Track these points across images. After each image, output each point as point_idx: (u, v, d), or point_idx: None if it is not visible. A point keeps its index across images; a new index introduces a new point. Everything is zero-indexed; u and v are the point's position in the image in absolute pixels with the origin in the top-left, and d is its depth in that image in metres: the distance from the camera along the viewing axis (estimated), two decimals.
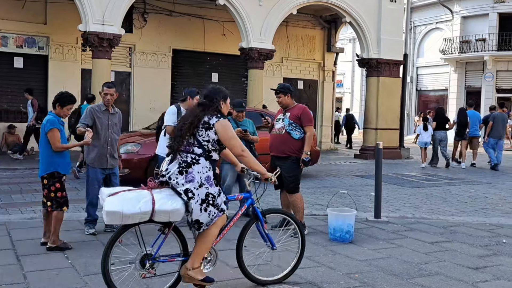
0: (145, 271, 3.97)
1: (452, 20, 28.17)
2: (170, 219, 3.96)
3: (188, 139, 4.06)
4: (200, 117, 4.09)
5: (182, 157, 4.04)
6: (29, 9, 15.20)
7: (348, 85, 36.64)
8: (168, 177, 4.01)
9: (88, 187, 6.19)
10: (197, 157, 4.04)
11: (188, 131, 4.06)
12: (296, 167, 6.30)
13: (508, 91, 26.84)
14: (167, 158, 4.17)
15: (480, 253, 5.77)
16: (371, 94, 17.28)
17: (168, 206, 3.89)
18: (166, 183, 4.03)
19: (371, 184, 10.51)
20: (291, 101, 6.50)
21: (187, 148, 4.05)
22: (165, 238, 4.07)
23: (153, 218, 3.89)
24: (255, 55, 14.93)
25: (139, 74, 16.90)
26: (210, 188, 4.03)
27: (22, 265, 4.88)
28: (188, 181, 3.96)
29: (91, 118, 6.08)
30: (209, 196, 4.01)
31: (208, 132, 4.07)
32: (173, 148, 4.10)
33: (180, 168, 3.99)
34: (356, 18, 16.62)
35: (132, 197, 3.84)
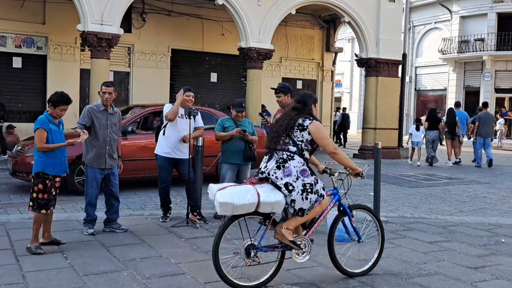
0: (250, 259, 4.37)
1: (450, 20, 28.20)
2: (273, 210, 4.37)
3: (284, 139, 4.52)
4: (295, 120, 4.56)
5: (279, 154, 4.50)
6: (27, 9, 15.18)
7: (347, 85, 36.64)
8: (267, 173, 4.46)
9: (87, 187, 6.17)
10: (292, 154, 4.48)
11: (284, 132, 4.53)
12: None
13: (507, 90, 26.87)
14: (265, 157, 4.61)
15: (479, 252, 5.77)
16: (370, 94, 17.28)
17: (272, 198, 4.30)
18: (266, 179, 4.47)
19: (370, 184, 10.51)
20: (291, 101, 6.49)
21: (283, 147, 4.51)
22: (266, 229, 4.47)
23: (258, 210, 4.30)
24: (254, 55, 14.92)
25: (138, 74, 16.89)
26: (306, 179, 4.44)
27: (21, 265, 4.88)
28: (286, 175, 4.39)
29: (89, 118, 6.07)
30: (307, 186, 4.43)
31: (303, 133, 4.53)
32: (270, 148, 4.58)
33: (277, 164, 4.43)
34: (355, 18, 16.62)
35: (240, 190, 4.30)
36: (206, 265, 4.98)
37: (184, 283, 4.48)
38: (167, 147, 6.77)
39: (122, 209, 7.21)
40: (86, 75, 15.08)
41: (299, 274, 4.82)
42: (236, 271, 4.39)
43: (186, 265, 5.00)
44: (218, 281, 4.52)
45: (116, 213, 6.33)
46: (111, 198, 6.28)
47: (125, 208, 7.72)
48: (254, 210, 4.27)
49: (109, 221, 6.29)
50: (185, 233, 6.22)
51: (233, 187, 4.34)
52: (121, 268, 4.85)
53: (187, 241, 5.88)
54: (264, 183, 4.46)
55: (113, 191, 6.26)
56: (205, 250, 5.53)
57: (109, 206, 6.29)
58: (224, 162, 7.21)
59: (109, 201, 6.28)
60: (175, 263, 5.05)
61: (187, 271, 4.80)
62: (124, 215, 7.04)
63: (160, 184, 6.91)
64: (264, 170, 4.50)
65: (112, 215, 6.30)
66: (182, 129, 6.77)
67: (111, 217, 6.29)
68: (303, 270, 4.94)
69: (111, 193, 6.26)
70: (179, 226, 6.52)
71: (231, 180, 7.19)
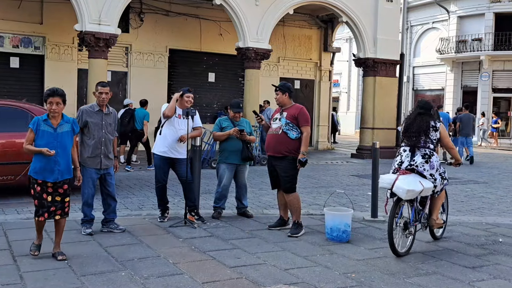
0: (407, 232, 5.56)
1: (448, 20, 28.23)
2: (424, 194, 5.56)
3: (424, 138, 5.63)
4: (430, 123, 5.69)
5: (421, 151, 5.61)
6: (25, 9, 15.16)
7: (344, 84, 36.67)
8: (415, 165, 5.56)
9: (83, 187, 6.15)
10: (432, 151, 5.65)
11: (423, 133, 5.64)
12: (293, 167, 6.29)
13: (504, 90, 26.91)
14: (406, 153, 5.66)
15: (477, 252, 5.78)
16: (367, 93, 17.30)
17: (428, 185, 5.54)
18: (411, 170, 5.55)
19: (368, 184, 10.52)
20: (288, 100, 6.49)
21: (424, 145, 5.63)
22: (413, 208, 5.61)
23: (421, 194, 5.52)
24: (251, 55, 14.93)
25: (136, 74, 16.89)
26: (440, 169, 5.72)
27: (19, 266, 4.87)
28: (431, 168, 5.58)
29: (82, 119, 6.06)
30: (442, 175, 5.76)
31: (436, 133, 5.71)
32: (412, 145, 5.66)
33: (425, 159, 5.58)
34: (353, 18, 16.64)
35: (411, 179, 5.45)
36: (204, 265, 4.99)
37: (182, 283, 4.48)
38: (163, 146, 6.76)
39: (120, 209, 7.22)
40: (84, 75, 15.08)
41: (297, 274, 4.83)
42: (396, 241, 5.43)
43: (184, 265, 4.99)
44: (216, 281, 4.53)
45: (113, 213, 6.32)
46: (108, 198, 6.27)
47: (123, 208, 7.71)
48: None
49: (107, 221, 6.28)
50: (183, 233, 6.22)
51: (403, 176, 5.47)
52: (119, 268, 4.85)
53: (185, 241, 5.88)
54: (410, 173, 5.54)
55: (110, 191, 6.25)
56: (203, 250, 5.53)
57: (106, 206, 6.28)
58: (222, 162, 7.21)
59: (106, 201, 6.28)
60: (173, 263, 5.05)
61: (185, 271, 4.79)
62: (122, 215, 7.04)
63: (156, 183, 6.91)
64: (412, 163, 5.58)
65: (109, 215, 6.29)
66: (179, 129, 6.76)
67: (108, 217, 6.28)
68: (301, 270, 4.94)
69: (108, 193, 6.26)
70: (177, 226, 6.51)
71: (229, 180, 7.19)
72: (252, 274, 4.77)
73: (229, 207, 7.68)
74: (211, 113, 17.87)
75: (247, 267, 4.96)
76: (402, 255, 5.47)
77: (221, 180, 7.16)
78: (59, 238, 5.20)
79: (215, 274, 4.74)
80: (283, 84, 6.54)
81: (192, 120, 6.81)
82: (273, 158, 6.40)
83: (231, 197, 7.63)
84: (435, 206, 5.84)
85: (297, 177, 6.45)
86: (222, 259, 5.18)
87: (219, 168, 7.24)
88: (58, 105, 5.00)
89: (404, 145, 5.76)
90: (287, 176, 6.31)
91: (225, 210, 7.37)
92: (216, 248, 5.63)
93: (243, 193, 7.33)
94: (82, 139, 6.13)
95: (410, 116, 5.91)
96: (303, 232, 6.35)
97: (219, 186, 7.20)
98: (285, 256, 5.39)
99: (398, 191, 5.37)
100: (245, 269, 4.91)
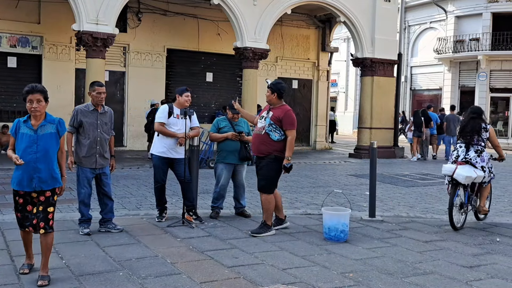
0: (462, 211, 6.91)
1: (446, 20, 28.26)
2: (476, 180, 6.88)
3: (477, 137, 6.94)
4: (481, 125, 7.00)
5: (474, 147, 6.94)
6: (22, 8, 15.14)
7: (342, 84, 36.68)
8: (469, 158, 6.88)
9: (79, 187, 6.15)
10: (482, 148, 6.98)
11: (476, 133, 6.94)
12: (272, 167, 6.18)
13: (502, 90, 26.95)
14: (462, 148, 6.99)
15: (474, 251, 5.79)
16: (365, 93, 17.31)
17: (480, 173, 6.86)
18: (466, 162, 6.87)
19: (365, 184, 10.53)
20: (276, 100, 6.33)
21: (477, 142, 6.95)
22: (466, 193, 6.93)
23: (474, 181, 6.85)
24: (249, 55, 14.92)
25: (134, 73, 16.87)
26: (489, 164, 7.01)
27: (16, 266, 4.85)
28: (482, 161, 6.89)
29: (76, 119, 6.05)
30: (491, 169, 7.04)
31: (486, 133, 7.01)
32: (467, 143, 6.99)
33: (477, 154, 6.90)
34: (351, 18, 16.65)
35: (467, 169, 6.78)
36: (202, 265, 4.99)
37: (180, 283, 4.48)
38: (162, 147, 6.76)
39: (117, 209, 7.21)
40: (82, 74, 15.08)
41: (295, 274, 4.83)
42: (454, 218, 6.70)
43: (182, 265, 4.99)
44: (214, 281, 4.53)
45: (110, 213, 6.31)
46: (104, 198, 6.26)
47: (120, 208, 7.70)
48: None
49: (104, 221, 6.28)
50: (181, 233, 6.22)
51: (461, 166, 6.79)
52: (116, 268, 4.85)
53: (183, 241, 5.88)
54: (465, 164, 6.84)
55: (106, 191, 6.24)
56: (201, 250, 5.53)
57: (103, 206, 6.27)
58: (220, 162, 7.20)
59: (102, 201, 6.27)
60: (171, 263, 5.05)
61: (183, 271, 4.79)
62: (120, 215, 7.03)
63: (155, 184, 6.91)
64: (467, 157, 6.90)
65: (106, 215, 6.28)
66: (177, 129, 6.76)
67: (106, 217, 6.28)
68: (299, 269, 4.95)
69: (104, 193, 6.25)
70: (175, 226, 6.51)
71: (227, 180, 7.19)
72: (250, 274, 4.77)
73: (227, 207, 7.68)
74: (209, 113, 17.86)
75: (245, 267, 4.96)
76: (458, 229, 6.76)
77: (219, 180, 7.16)
78: (46, 259, 4.49)
79: (213, 274, 4.75)
80: (275, 84, 6.37)
81: (190, 120, 6.81)
82: (257, 157, 6.39)
83: (229, 197, 7.63)
84: (482, 195, 7.14)
85: (277, 179, 6.33)
86: (220, 259, 5.18)
87: (217, 168, 7.24)
88: (39, 102, 4.36)
89: (460, 142, 7.13)
90: (265, 175, 6.24)
91: (223, 210, 7.37)
92: (214, 248, 5.63)
93: (241, 193, 7.33)
94: (78, 139, 6.12)
95: (464, 119, 7.34)
96: (269, 233, 6.25)
97: (217, 186, 7.21)
98: (283, 256, 5.39)
99: (458, 177, 6.71)
100: (243, 269, 4.91)
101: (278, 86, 6.33)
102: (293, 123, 6.25)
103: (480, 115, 7.11)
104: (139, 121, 16.82)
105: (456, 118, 17.31)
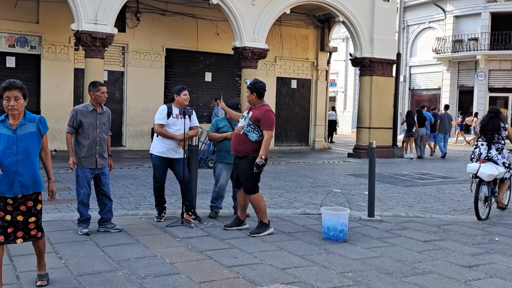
0: (486, 204, 7.57)
1: (444, 20, 28.29)
2: (498, 176, 7.58)
3: (497, 136, 7.61)
4: (500, 124, 7.67)
5: (495, 145, 7.63)
6: (21, 8, 15.12)
7: (341, 84, 36.70)
8: (491, 156, 7.58)
9: (78, 187, 6.14)
10: (503, 146, 7.68)
11: (496, 132, 7.61)
12: (251, 168, 6.15)
13: (500, 90, 26.99)
14: (483, 147, 7.68)
15: (473, 251, 5.80)
16: (364, 93, 17.31)
17: (502, 169, 7.55)
18: (488, 159, 7.57)
19: (364, 183, 10.53)
20: (256, 100, 6.29)
21: (497, 141, 7.64)
22: (490, 188, 7.60)
23: (496, 177, 7.54)
24: (248, 55, 14.92)
25: (132, 73, 16.86)
26: (509, 159, 7.66)
27: (15, 266, 4.86)
28: (502, 158, 7.61)
29: (76, 120, 6.04)
30: (510, 166, 7.73)
31: (505, 132, 7.69)
32: (488, 141, 7.68)
33: (498, 151, 7.61)
34: (349, 18, 16.65)
35: (490, 167, 7.43)
36: (201, 265, 4.99)
37: (179, 283, 4.48)
38: (161, 147, 6.76)
39: (116, 209, 7.21)
40: (80, 74, 15.06)
41: (294, 273, 4.83)
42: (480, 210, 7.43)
43: (181, 264, 4.99)
44: (213, 281, 4.53)
45: (109, 213, 6.31)
46: (103, 198, 6.26)
47: (119, 208, 7.70)
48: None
49: (103, 221, 6.27)
50: (180, 233, 6.22)
51: (484, 164, 7.44)
52: (115, 268, 4.84)
53: (182, 241, 5.88)
54: (487, 162, 7.53)
55: (105, 191, 6.24)
56: (200, 249, 5.53)
57: (102, 206, 6.27)
58: (219, 161, 7.19)
59: (101, 201, 6.27)
60: (170, 262, 5.05)
61: (182, 271, 4.79)
62: (119, 215, 7.03)
63: (154, 183, 6.91)
64: (489, 155, 7.61)
65: (105, 215, 6.28)
66: (177, 129, 6.76)
67: (105, 217, 6.27)
68: (298, 269, 4.95)
69: (103, 193, 6.25)
70: (174, 226, 6.51)
71: (226, 180, 7.18)
72: (249, 273, 4.78)
73: (226, 207, 7.68)
74: (208, 113, 17.85)
75: (244, 267, 4.97)
76: (483, 220, 7.43)
77: (218, 179, 7.16)
78: (41, 259, 4.39)
79: (212, 273, 4.75)
80: (253, 83, 6.31)
81: (189, 119, 6.81)
82: (236, 157, 6.38)
83: (228, 197, 7.63)
84: (501, 190, 7.92)
85: (258, 179, 6.30)
86: (219, 259, 5.18)
87: (216, 167, 7.23)
88: (16, 100, 4.03)
89: (481, 140, 7.77)
90: (245, 176, 6.22)
91: (222, 210, 7.37)
92: (213, 247, 5.63)
93: None
94: (77, 139, 6.11)
95: (484, 119, 7.93)
96: (268, 232, 6.25)
97: (216, 186, 7.20)
98: (282, 256, 5.39)
99: (482, 175, 7.35)
100: (242, 268, 4.92)
101: (256, 86, 6.27)
102: (271, 124, 6.20)
103: (498, 115, 7.77)
104: (138, 121, 16.84)
105: (450, 116, 18.84)
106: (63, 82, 15.69)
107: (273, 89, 19.23)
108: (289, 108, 19.93)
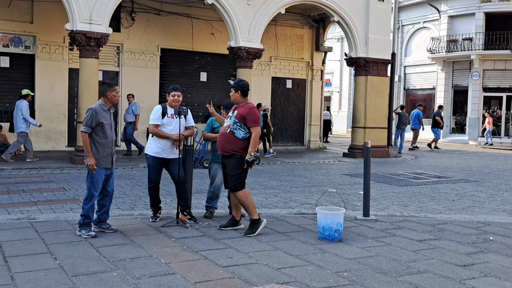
0: None
1: (439, 20, 28.37)
2: None
3: None
4: None
5: None
6: (15, 7, 15.07)
7: (336, 84, 36.74)
8: None
9: (92, 189, 6.03)
10: None
11: None
12: (239, 166, 6.20)
13: (495, 89, 27.08)
14: None
15: (468, 250, 5.82)
16: (359, 93, 17.34)
17: None
18: None
19: (359, 183, 10.56)
20: (241, 99, 6.36)
21: None
22: None
23: None
24: (243, 54, 14.92)
25: (127, 73, 16.83)
26: None
27: (10, 266, 4.84)
28: None
29: (95, 120, 6.01)
30: None
31: None
32: None
33: None
34: (344, 18, 16.67)
35: None
36: (197, 265, 4.98)
37: (174, 283, 4.48)
38: (156, 147, 6.75)
39: (111, 209, 7.16)
40: (75, 74, 15.03)
41: (289, 273, 4.83)
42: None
43: (176, 264, 4.99)
44: (209, 281, 4.52)
45: (106, 214, 6.29)
46: (106, 198, 6.23)
47: (114, 208, 7.68)
48: None
49: (99, 221, 6.25)
50: (175, 233, 6.21)
51: None
52: (110, 269, 4.83)
53: (177, 241, 5.87)
54: None
55: (109, 192, 6.22)
56: (195, 249, 5.52)
57: (102, 207, 6.24)
58: (214, 161, 7.19)
59: (102, 201, 6.23)
60: (165, 263, 5.04)
61: (177, 271, 4.79)
62: (114, 215, 7.01)
63: (149, 183, 6.90)
64: None
65: (103, 216, 6.25)
66: (172, 129, 6.75)
67: (102, 218, 6.25)
68: (293, 269, 4.95)
69: (107, 194, 6.22)
70: (169, 226, 6.50)
71: (221, 180, 7.17)
72: (245, 273, 4.78)
73: (221, 207, 7.68)
74: (203, 113, 17.84)
75: (240, 267, 4.97)
76: None
77: (213, 179, 7.16)
78: None
79: (207, 273, 4.74)
80: (237, 82, 6.43)
81: (184, 119, 6.80)
82: (223, 156, 6.39)
83: (223, 197, 7.62)
84: None
85: (245, 176, 6.34)
86: (215, 259, 5.18)
87: (211, 167, 7.23)
88: None
89: None
90: (232, 175, 6.24)
91: (217, 210, 7.37)
92: (208, 247, 5.63)
93: None
94: (94, 139, 6.03)
95: None
96: (261, 227, 6.27)
97: (211, 186, 7.20)
98: (277, 255, 5.39)
99: None
100: (238, 268, 4.91)
101: (240, 84, 6.39)
102: (257, 120, 6.28)
103: None
104: None
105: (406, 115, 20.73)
106: (57, 82, 15.65)
107: (268, 89, 19.24)
108: (284, 108, 19.95)
